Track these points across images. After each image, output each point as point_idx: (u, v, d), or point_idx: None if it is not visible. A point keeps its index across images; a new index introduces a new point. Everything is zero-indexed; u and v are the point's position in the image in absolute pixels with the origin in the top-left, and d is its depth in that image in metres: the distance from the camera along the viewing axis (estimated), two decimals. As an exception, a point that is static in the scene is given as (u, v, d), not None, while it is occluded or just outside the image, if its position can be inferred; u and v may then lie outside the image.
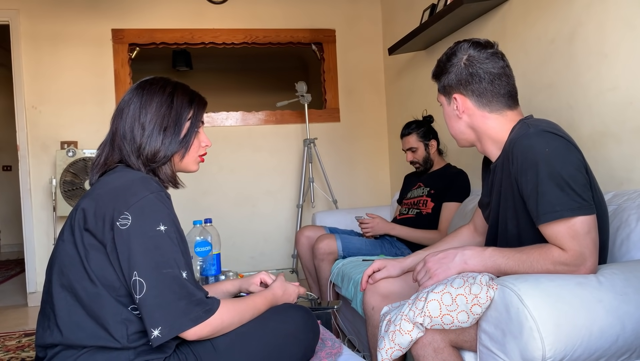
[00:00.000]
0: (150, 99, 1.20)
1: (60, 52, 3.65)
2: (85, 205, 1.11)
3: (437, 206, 2.49)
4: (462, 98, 1.35)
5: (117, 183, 1.12)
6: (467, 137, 1.41)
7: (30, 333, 2.85)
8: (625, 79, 1.74)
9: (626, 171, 1.74)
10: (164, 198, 1.11)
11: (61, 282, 1.10)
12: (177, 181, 1.28)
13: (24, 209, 3.61)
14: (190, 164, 1.28)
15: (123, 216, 1.05)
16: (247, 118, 3.94)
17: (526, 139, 1.21)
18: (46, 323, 1.12)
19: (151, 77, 1.27)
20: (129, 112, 1.20)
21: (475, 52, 1.34)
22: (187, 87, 1.28)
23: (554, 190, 1.14)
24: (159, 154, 1.19)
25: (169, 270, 1.05)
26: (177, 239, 1.10)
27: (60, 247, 1.13)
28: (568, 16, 1.98)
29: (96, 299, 1.06)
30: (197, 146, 1.28)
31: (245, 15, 3.92)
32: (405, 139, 2.63)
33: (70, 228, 1.12)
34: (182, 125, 1.23)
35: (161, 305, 1.02)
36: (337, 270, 2.37)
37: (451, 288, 1.17)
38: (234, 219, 3.86)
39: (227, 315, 1.12)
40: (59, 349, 1.08)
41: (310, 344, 1.26)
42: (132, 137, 1.19)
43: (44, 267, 3.62)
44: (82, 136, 3.66)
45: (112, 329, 1.05)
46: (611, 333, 1.06)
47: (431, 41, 3.05)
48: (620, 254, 1.41)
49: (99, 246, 1.07)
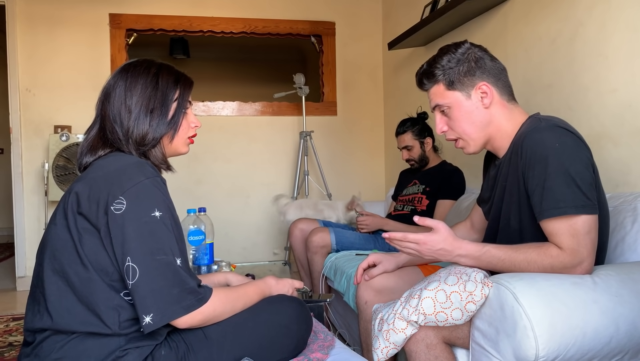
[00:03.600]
0: (135, 81, 1.18)
1: (56, 35, 3.61)
2: (79, 189, 1.09)
3: (432, 204, 2.49)
4: (488, 87, 1.30)
5: (112, 167, 1.11)
6: (485, 134, 1.33)
7: (18, 317, 2.82)
8: (625, 81, 1.73)
9: (622, 173, 1.75)
10: (160, 184, 1.09)
11: (53, 266, 1.09)
12: (169, 164, 1.26)
13: (15, 193, 3.57)
14: (180, 145, 1.26)
15: (118, 201, 1.03)
16: (243, 108, 3.92)
17: (537, 133, 1.20)
18: (36, 307, 1.10)
19: (135, 59, 1.24)
20: (115, 96, 1.17)
21: (476, 49, 1.34)
22: (172, 68, 1.25)
23: (560, 186, 1.14)
24: (148, 136, 1.17)
25: (163, 257, 1.03)
26: (172, 225, 1.08)
27: (52, 231, 1.11)
28: (570, 16, 1.97)
29: (88, 284, 1.05)
30: (186, 127, 1.25)
31: (245, 4, 3.88)
32: (400, 138, 2.62)
33: (63, 211, 1.10)
34: (168, 106, 1.20)
35: (153, 292, 1.01)
36: (330, 263, 2.37)
37: (445, 285, 1.17)
38: (227, 209, 3.84)
39: (219, 303, 1.11)
40: (48, 334, 1.07)
41: (303, 336, 1.26)
42: (120, 120, 1.16)
43: (34, 251, 3.58)
44: (76, 120, 3.62)
45: (103, 315, 1.04)
46: (605, 334, 1.06)
47: (431, 37, 3.04)
48: (615, 256, 1.41)
49: (92, 230, 1.06)
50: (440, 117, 1.37)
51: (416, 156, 2.59)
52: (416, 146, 2.58)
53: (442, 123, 1.37)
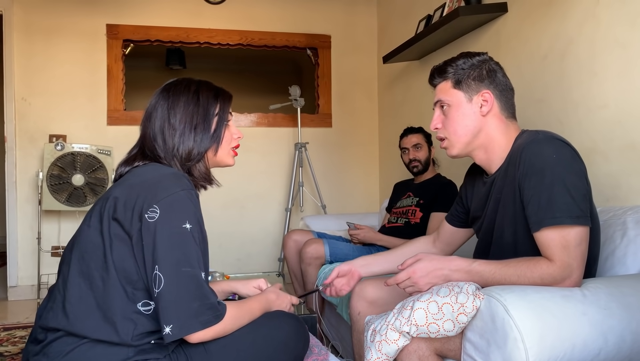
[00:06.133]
0: (177, 99, 1.22)
1: (53, 44, 3.62)
2: (118, 194, 1.11)
3: (425, 216, 2.51)
4: (491, 97, 1.33)
5: (149, 175, 1.13)
6: (473, 141, 1.35)
7: (9, 327, 2.80)
8: (614, 97, 1.77)
9: (612, 188, 1.77)
10: (193, 197, 1.12)
11: (80, 268, 1.10)
12: (212, 178, 1.30)
13: (8, 201, 3.56)
14: (225, 157, 1.29)
15: (152, 209, 1.06)
16: (239, 119, 3.94)
17: (536, 144, 1.22)
18: (54, 305, 1.11)
19: (174, 79, 1.29)
20: (157, 115, 1.22)
21: (493, 62, 1.38)
22: (210, 84, 1.30)
23: (556, 197, 1.15)
24: (193, 151, 1.21)
25: (189, 269, 1.05)
26: (200, 239, 1.10)
27: (85, 233, 1.13)
28: (561, 33, 2.01)
29: (110, 291, 1.06)
30: (229, 139, 1.29)
31: (241, 16, 3.92)
32: (410, 136, 2.66)
33: (99, 215, 1.12)
34: (210, 120, 1.24)
35: (175, 303, 1.03)
36: (324, 275, 2.37)
37: (437, 296, 1.18)
38: (221, 220, 3.84)
39: (230, 321, 1.12)
40: (61, 334, 1.07)
41: (300, 353, 1.27)
42: (164, 138, 1.20)
43: (26, 261, 3.57)
44: (72, 130, 3.63)
45: (119, 324, 1.05)
46: (594, 346, 1.07)
47: (425, 52, 3.08)
48: (605, 269, 1.43)
49: (124, 236, 1.08)
50: (438, 115, 1.39)
51: (423, 157, 2.62)
52: (425, 147, 2.63)
53: (438, 120, 1.39)
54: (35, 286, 3.53)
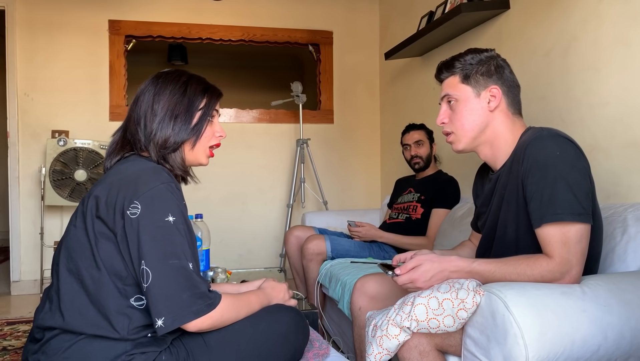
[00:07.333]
0: (165, 87, 1.23)
1: (55, 40, 3.63)
2: (99, 192, 1.12)
3: (426, 212, 2.52)
4: (499, 92, 1.34)
5: (129, 172, 1.14)
6: (479, 136, 1.35)
7: (13, 321, 2.82)
8: (616, 95, 1.77)
9: (613, 185, 1.78)
10: (174, 189, 1.12)
11: (69, 267, 1.11)
12: (188, 171, 1.29)
13: (11, 197, 3.57)
14: (200, 155, 1.28)
15: (133, 205, 1.06)
16: (240, 115, 3.94)
17: (540, 141, 1.23)
18: (49, 305, 1.12)
19: (169, 69, 1.30)
20: (144, 100, 1.22)
21: (500, 59, 1.38)
22: (202, 79, 1.30)
23: (559, 193, 1.16)
24: (169, 140, 1.21)
25: (176, 261, 1.06)
26: (185, 230, 1.11)
27: (72, 232, 1.14)
28: (564, 30, 2.01)
29: (101, 288, 1.07)
30: (209, 136, 1.28)
31: (243, 12, 3.92)
32: (412, 133, 2.66)
33: (82, 214, 1.13)
34: (193, 113, 1.24)
35: (165, 296, 1.04)
36: (325, 271, 2.38)
37: (438, 292, 1.19)
38: (223, 216, 3.85)
39: (227, 310, 1.13)
40: (58, 332, 1.09)
41: (300, 346, 1.28)
42: (145, 123, 1.20)
43: (29, 256, 3.59)
44: (74, 125, 3.63)
45: (113, 320, 1.06)
46: (593, 342, 1.08)
47: (427, 48, 3.08)
48: (605, 266, 1.43)
49: (109, 234, 1.08)
50: (445, 109, 1.40)
51: (424, 154, 2.63)
52: (427, 143, 2.64)
53: (445, 115, 1.40)
54: (38, 281, 3.55)
